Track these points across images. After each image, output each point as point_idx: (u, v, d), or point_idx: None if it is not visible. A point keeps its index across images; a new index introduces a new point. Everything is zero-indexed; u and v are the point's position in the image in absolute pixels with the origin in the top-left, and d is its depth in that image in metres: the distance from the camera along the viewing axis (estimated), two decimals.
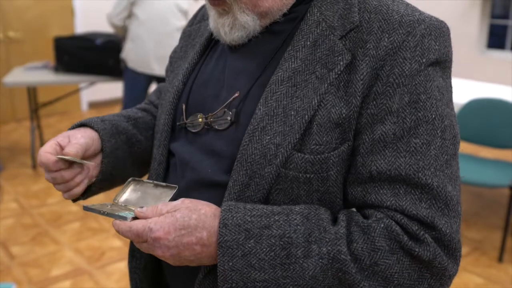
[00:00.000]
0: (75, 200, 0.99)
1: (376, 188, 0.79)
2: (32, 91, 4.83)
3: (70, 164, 0.90)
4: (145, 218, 0.79)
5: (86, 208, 0.87)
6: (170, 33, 4.01)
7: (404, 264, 0.76)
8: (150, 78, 4.16)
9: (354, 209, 0.84)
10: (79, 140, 0.92)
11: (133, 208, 0.87)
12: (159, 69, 4.04)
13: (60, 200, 4.05)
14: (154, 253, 0.78)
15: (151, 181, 0.91)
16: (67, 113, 6.56)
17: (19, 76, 4.65)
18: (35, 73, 4.72)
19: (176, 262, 0.79)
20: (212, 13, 0.92)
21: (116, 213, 0.82)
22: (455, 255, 0.78)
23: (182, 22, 4.11)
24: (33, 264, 3.16)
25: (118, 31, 4.20)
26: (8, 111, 6.13)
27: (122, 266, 3.13)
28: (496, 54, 6.68)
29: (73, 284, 2.95)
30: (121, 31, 4.15)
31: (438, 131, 0.79)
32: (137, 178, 0.93)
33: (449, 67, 0.84)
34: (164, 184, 0.89)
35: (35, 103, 4.87)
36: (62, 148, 0.90)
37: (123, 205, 0.90)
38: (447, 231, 0.76)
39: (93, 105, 6.82)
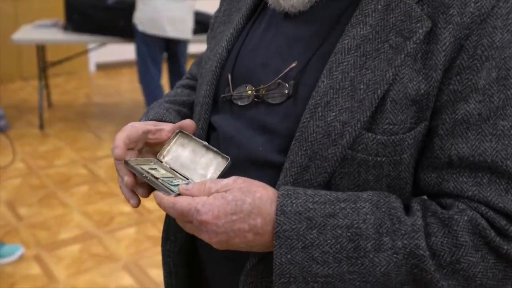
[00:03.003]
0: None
1: (455, 175, 0.70)
2: (41, 49, 4.72)
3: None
4: (191, 196, 0.70)
5: (127, 163, 0.78)
6: None
7: (489, 263, 0.67)
8: (163, 42, 4.06)
9: (425, 197, 0.75)
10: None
11: (178, 175, 0.77)
12: (172, 31, 3.94)
13: (68, 161, 3.99)
14: (199, 236, 0.70)
15: (201, 141, 0.80)
16: (74, 73, 6.45)
17: (29, 33, 4.54)
18: (45, 31, 4.62)
19: (222, 247, 0.70)
20: None
21: (160, 182, 0.73)
22: None
23: None
24: (41, 226, 3.10)
25: None
26: (15, 70, 6.03)
27: (131, 232, 3.07)
28: None
29: (82, 248, 2.90)
30: None
31: None
32: (185, 132, 0.82)
33: None
34: (215, 149, 0.78)
35: (44, 61, 4.77)
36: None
37: (167, 166, 0.80)
38: None
39: (101, 66, 6.71)
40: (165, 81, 4.31)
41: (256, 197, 0.69)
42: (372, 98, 0.70)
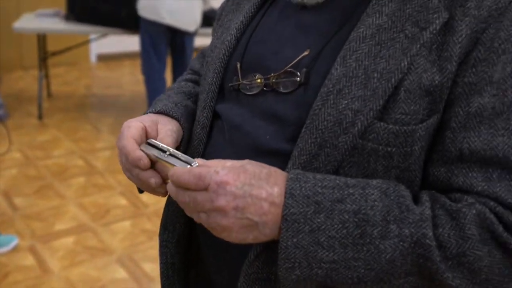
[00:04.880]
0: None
1: (465, 170, 0.69)
2: (42, 38, 4.70)
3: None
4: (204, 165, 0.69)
5: (146, 146, 0.78)
6: None
7: (496, 258, 0.66)
8: (167, 34, 4.04)
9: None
10: (172, 135, 0.83)
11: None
12: (170, 19, 3.93)
13: (66, 153, 3.97)
14: (215, 204, 0.65)
15: (169, 150, 0.76)
16: (75, 64, 6.44)
17: (30, 22, 4.53)
18: (46, 21, 4.61)
19: (234, 224, 0.67)
20: None
21: (181, 156, 0.72)
22: None
23: None
24: (36, 217, 3.09)
25: None
26: (15, 59, 6.01)
27: (126, 225, 3.06)
28: None
29: (76, 240, 2.89)
30: None
31: None
32: (152, 142, 0.79)
33: None
34: (181, 157, 0.74)
35: (44, 51, 4.76)
36: (147, 136, 0.81)
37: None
38: None
39: (101, 57, 6.69)
40: (168, 75, 4.31)
41: (272, 169, 0.69)
42: (385, 86, 0.69)
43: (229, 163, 0.68)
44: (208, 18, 4.29)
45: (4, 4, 5.75)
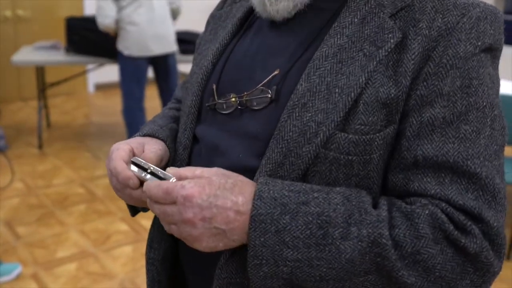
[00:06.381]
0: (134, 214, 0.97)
1: (420, 176, 0.75)
2: (40, 70, 4.79)
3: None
4: (179, 177, 0.75)
5: (133, 163, 0.83)
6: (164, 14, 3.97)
7: (448, 256, 0.72)
8: (148, 60, 4.05)
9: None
10: (157, 152, 0.89)
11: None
12: (157, 48, 3.95)
13: (66, 181, 4.03)
14: (183, 216, 0.72)
15: (151, 168, 0.82)
16: (73, 94, 6.52)
17: (28, 55, 4.61)
18: (44, 53, 4.68)
19: (203, 235, 0.73)
20: None
21: (161, 172, 0.78)
22: (500, 251, 0.74)
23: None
24: (39, 245, 3.14)
25: (111, 31, 3.99)
26: (14, 90, 6.09)
27: (128, 250, 3.11)
28: (510, 50, 6.61)
29: (78, 266, 2.93)
30: (114, 29, 3.97)
31: (488, 120, 0.76)
32: (137, 161, 0.84)
33: (499, 58, 0.81)
34: (160, 175, 0.80)
35: (43, 82, 4.84)
36: (134, 155, 0.87)
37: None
38: (494, 225, 0.73)
39: (99, 87, 6.78)
40: (157, 103, 4.39)
41: (238, 179, 0.75)
42: (346, 100, 0.76)
43: (198, 171, 0.75)
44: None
45: (3, 37, 5.86)
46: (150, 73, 4.29)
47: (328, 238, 0.72)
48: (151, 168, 0.81)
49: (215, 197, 0.72)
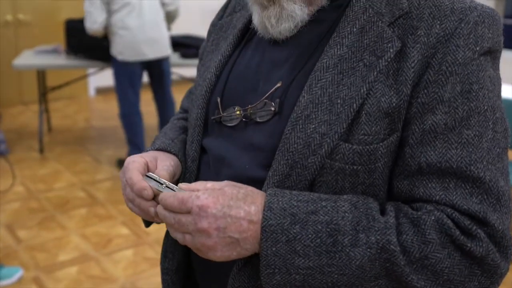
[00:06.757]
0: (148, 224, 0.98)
1: (424, 182, 0.76)
2: (41, 74, 4.80)
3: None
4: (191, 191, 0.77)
5: (146, 178, 0.85)
6: (156, 19, 3.96)
7: (455, 259, 0.73)
8: (143, 64, 4.05)
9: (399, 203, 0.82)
10: (169, 169, 0.90)
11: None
12: (151, 52, 3.95)
13: (67, 185, 4.04)
14: (198, 226, 0.73)
15: (165, 183, 0.84)
16: (74, 97, 6.53)
17: (29, 59, 4.62)
18: (45, 57, 4.69)
19: (218, 244, 0.74)
20: (255, 8, 0.88)
21: (175, 187, 0.80)
22: (506, 252, 0.75)
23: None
24: (40, 249, 3.14)
25: (100, 35, 4.01)
26: (15, 94, 6.10)
27: (129, 254, 3.11)
28: (510, 54, 6.62)
29: (80, 270, 2.93)
30: (103, 33, 3.99)
31: (490, 123, 0.76)
32: (150, 175, 0.87)
33: (499, 58, 0.82)
34: (172, 188, 0.82)
35: (44, 86, 4.85)
36: (148, 170, 0.88)
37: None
38: (500, 227, 0.74)
39: (100, 91, 6.79)
40: (152, 108, 4.38)
41: (248, 189, 0.77)
42: (348, 111, 0.77)
43: (209, 184, 0.76)
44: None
45: (3, 41, 5.87)
46: (146, 77, 4.30)
47: (338, 245, 0.73)
48: (166, 183, 0.83)
49: (229, 207, 0.74)
